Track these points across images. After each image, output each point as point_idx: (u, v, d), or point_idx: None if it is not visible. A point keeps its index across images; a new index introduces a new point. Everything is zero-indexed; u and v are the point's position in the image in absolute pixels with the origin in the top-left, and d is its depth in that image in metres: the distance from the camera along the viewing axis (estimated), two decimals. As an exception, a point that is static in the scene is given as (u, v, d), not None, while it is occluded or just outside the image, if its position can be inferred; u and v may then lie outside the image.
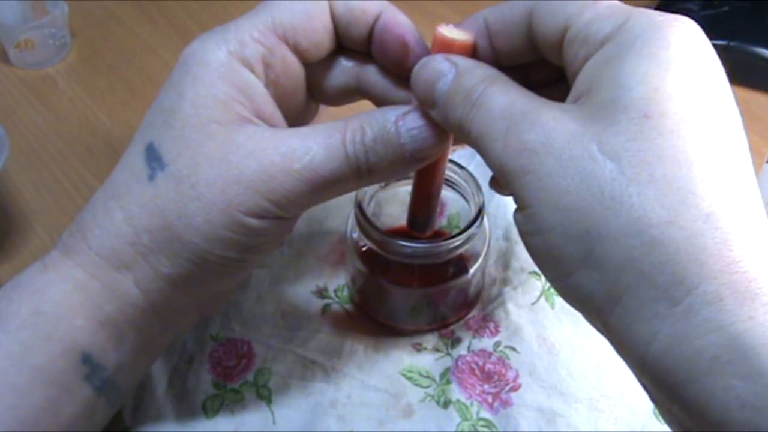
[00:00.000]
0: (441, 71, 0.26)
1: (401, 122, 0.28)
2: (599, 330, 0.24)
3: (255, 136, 0.28)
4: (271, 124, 0.29)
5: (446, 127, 0.27)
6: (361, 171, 0.28)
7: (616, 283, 0.22)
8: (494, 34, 0.28)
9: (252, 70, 0.29)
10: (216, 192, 0.27)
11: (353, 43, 0.31)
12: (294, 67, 0.30)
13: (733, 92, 0.24)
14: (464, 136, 0.26)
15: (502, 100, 0.25)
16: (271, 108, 0.29)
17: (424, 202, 0.34)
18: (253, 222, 0.28)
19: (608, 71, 0.23)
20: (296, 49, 0.30)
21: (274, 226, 0.29)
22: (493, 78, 0.26)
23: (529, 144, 0.23)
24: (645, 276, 0.21)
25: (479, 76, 0.26)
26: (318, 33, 0.30)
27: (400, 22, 0.30)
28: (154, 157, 0.28)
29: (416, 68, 0.27)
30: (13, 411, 0.27)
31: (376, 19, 0.30)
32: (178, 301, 0.30)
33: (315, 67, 0.31)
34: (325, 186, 0.28)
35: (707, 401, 0.20)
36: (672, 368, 0.21)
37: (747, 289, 0.20)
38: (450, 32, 0.28)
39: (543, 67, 0.28)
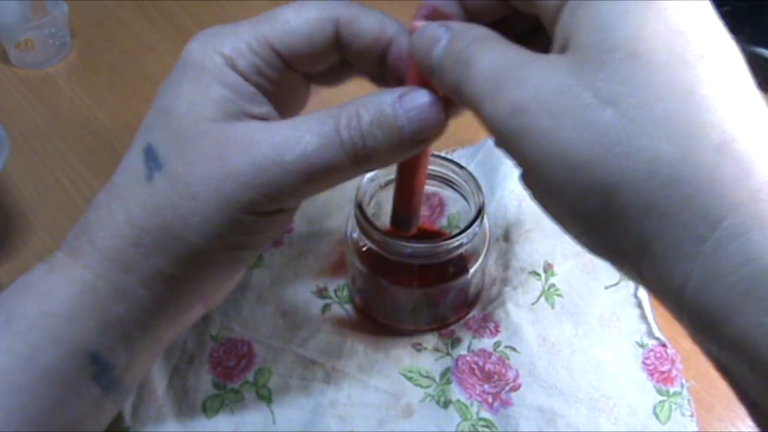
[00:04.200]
0: (437, 37, 0.26)
1: (398, 104, 0.27)
2: (633, 279, 0.23)
3: (248, 131, 0.27)
4: (266, 120, 0.29)
5: (447, 93, 0.26)
6: (359, 157, 0.27)
7: (640, 230, 0.21)
8: None
9: (246, 79, 0.29)
10: (211, 190, 0.27)
11: (360, 65, 0.30)
12: (290, 77, 0.30)
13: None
14: (462, 101, 0.25)
15: (491, 57, 0.24)
16: (266, 107, 0.29)
17: (406, 200, 0.33)
18: (250, 218, 0.28)
19: (586, 14, 0.22)
20: (295, 66, 0.29)
21: (272, 219, 0.29)
22: (484, 37, 0.25)
23: (520, 102, 0.22)
24: (668, 217, 0.20)
25: (471, 36, 0.25)
26: (318, 57, 0.29)
27: None
28: (151, 158, 0.28)
29: (414, 37, 0.27)
30: (21, 411, 0.27)
31: (388, 45, 0.29)
32: (184, 298, 0.30)
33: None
34: (320, 175, 0.27)
35: (740, 339, 0.20)
36: (707, 307, 0.20)
37: None
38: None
39: (521, 17, 0.27)
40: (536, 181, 0.23)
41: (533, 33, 0.26)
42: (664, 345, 0.39)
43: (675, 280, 0.21)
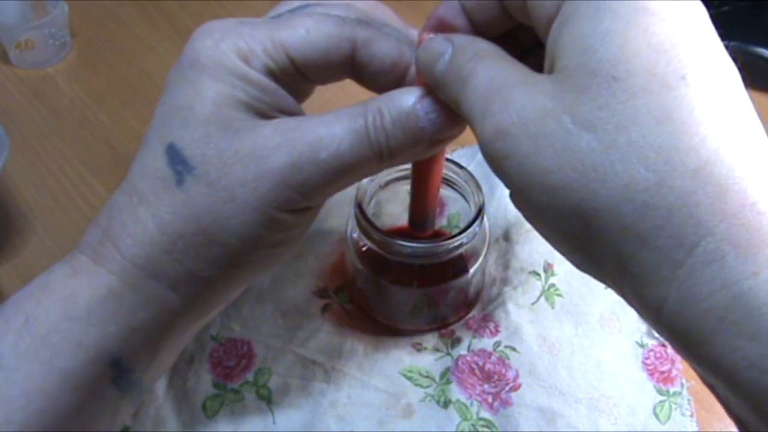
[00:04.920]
0: (440, 51, 0.26)
1: (419, 105, 0.27)
2: (619, 295, 0.24)
3: (280, 128, 0.27)
4: (292, 115, 0.29)
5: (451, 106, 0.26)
6: (383, 155, 0.28)
7: (618, 253, 0.21)
8: (469, 10, 0.27)
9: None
10: (248, 191, 0.27)
11: (369, 85, 0.30)
12: (298, 80, 0.30)
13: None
14: (463, 116, 0.25)
15: (484, 76, 0.24)
16: (290, 101, 0.29)
17: (422, 203, 0.34)
18: (286, 216, 0.28)
19: (569, 34, 0.22)
20: (305, 75, 0.29)
21: (304, 216, 0.29)
22: (483, 53, 0.25)
23: (503, 126, 0.22)
24: (644, 242, 0.21)
25: (471, 52, 0.25)
26: (331, 72, 0.29)
27: None
28: (177, 160, 0.27)
29: (418, 51, 0.27)
30: (40, 415, 0.27)
31: (406, 69, 0.29)
32: (214, 299, 0.30)
33: None
34: (351, 172, 0.28)
35: (717, 362, 0.20)
36: (684, 330, 0.21)
37: (749, 243, 0.19)
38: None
39: (528, 30, 0.27)
40: (520, 201, 0.24)
41: (541, 45, 0.26)
42: (664, 345, 0.39)
43: (652, 302, 0.21)
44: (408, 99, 0.27)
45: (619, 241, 0.21)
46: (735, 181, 0.20)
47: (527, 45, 0.28)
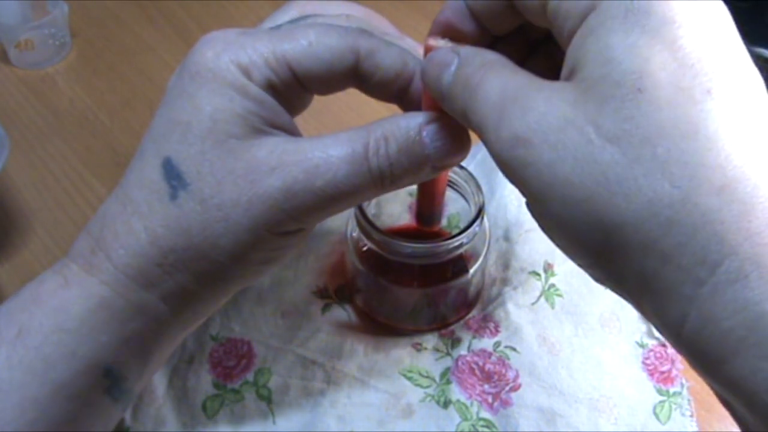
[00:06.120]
0: (446, 62, 0.26)
1: (425, 131, 0.27)
2: (636, 309, 0.24)
3: (276, 150, 0.27)
4: (287, 131, 0.29)
5: (456, 118, 0.26)
6: (385, 182, 0.28)
7: (640, 269, 0.21)
8: (477, 12, 0.27)
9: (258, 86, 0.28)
10: (241, 212, 0.27)
11: (374, 95, 0.30)
12: (299, 92, 0.30)
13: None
14: (469, 127, 0.25)
15: (496, 84, 0.23)
16: (285, 117, 0.29)
17: (429, 199, 0.34)
18: (277, 238, 0.28)
19: (594, 44, 0.21)
20: (308, 87, 0.29)
21: (296, 237, 0.29)
22: (491, 63, 0.24)
23: (522, 133, 0.22)
24: (667, 259, 0.20)
25: (478, 62, 0.25)
26: (334, 83, 0.29)
27: None
28: (173, 175, 0.28)
29: (424, 63, 0.27)
30: (33, 425, 0.27)
31: (409, 79, 0.29)
32: (203, 309, 0.31)
33: None
34: (347, 198, 0.28)
35: (737, 382, 0.20)
36: (704, 349, 0.20)
37: None
38: (439, 44, 0.27)
39: (535, 26, 0.26)
40: (539, 212, 0.23)
41: (549, 40, 0.25)
42: (664, 345, 0.39)
43: (672, 320, 0.21)
44: (413, 125, 0.27)
45: (641, 257, 0.21)
46: (760, 200, 0.20)
47: (534, 39, 0.28)
